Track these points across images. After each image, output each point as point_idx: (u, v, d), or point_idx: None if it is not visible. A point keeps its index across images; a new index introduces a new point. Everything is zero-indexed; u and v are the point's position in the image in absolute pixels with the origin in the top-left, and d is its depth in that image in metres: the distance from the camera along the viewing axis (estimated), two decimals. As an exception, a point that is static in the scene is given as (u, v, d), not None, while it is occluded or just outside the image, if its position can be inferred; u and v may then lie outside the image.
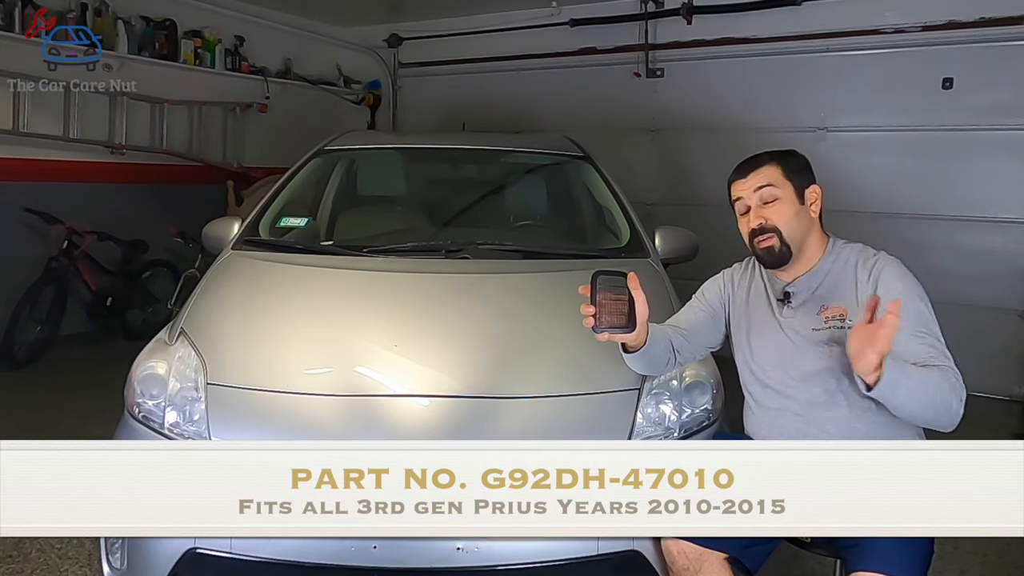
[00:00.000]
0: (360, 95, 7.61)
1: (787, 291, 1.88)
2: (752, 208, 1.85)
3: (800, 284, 1.87)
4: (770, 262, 1.86)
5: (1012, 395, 4.90)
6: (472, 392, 1.97)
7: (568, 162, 3.53)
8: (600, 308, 1.70)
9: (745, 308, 1.98)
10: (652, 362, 1.93)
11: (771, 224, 1.82)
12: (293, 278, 2.52)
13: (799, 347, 1.84)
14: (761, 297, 1.95)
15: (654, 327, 1.89)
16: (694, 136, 6.02)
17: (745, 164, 1.90)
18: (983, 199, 4.95)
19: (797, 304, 1.86)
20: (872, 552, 1.62)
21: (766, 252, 1.84)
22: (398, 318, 2.25)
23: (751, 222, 1.85)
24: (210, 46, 6.28)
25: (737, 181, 1.89)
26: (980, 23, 4.84)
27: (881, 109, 5.23)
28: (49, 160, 5.32)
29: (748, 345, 1.95)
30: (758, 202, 1.84)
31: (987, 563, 2.86)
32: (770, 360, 1.89)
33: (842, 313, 1.79)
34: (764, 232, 1.83)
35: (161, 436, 1.98)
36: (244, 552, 1.79)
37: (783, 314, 1.88)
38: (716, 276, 2.10)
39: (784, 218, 1.82)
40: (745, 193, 1.87)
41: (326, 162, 3.53)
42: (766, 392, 1.90)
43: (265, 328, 2.24)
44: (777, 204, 1.83)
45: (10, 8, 4.97)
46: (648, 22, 6.00)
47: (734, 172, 1.92)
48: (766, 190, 1.84)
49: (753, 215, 1.85)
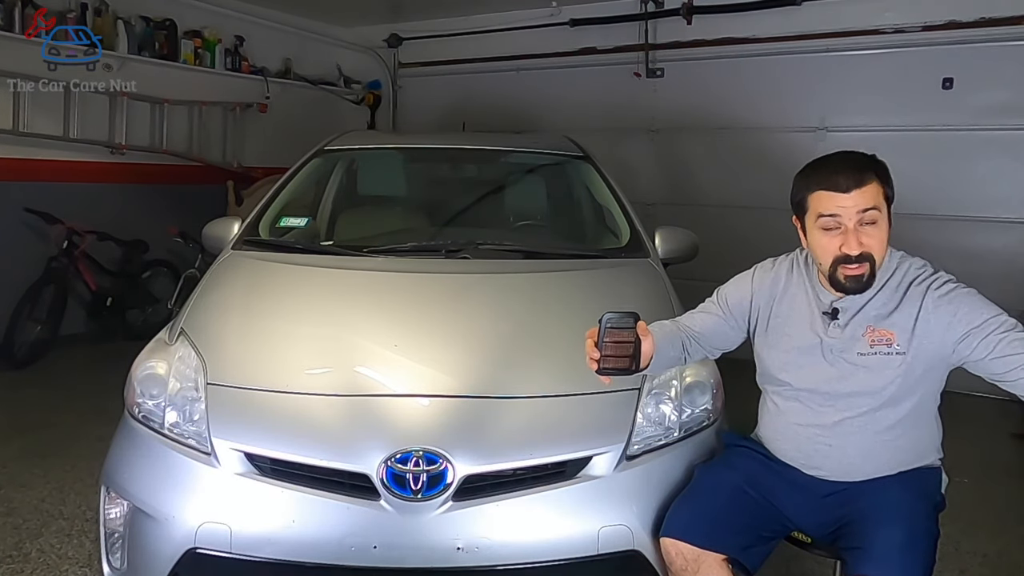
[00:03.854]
0: (360, 95, 7.61)
1: (836, 307, 1.74)
2: (851, 231, 1.64)
3: (850, 300, 1.73)
4: (853, 290, 1.69)
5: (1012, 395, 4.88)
6: (472, 392, 1.97)
7: (568, 162, 3.53)
8: (605, 351, 1.65)
9: (779, 318, 1.85)
10: (659, 368, 1.90)
11: (869, 253, 1.64)
12: (293, 278, 2.52)
13: (839, 371, 1.75)
14: (803, 309, 1.81)
15: (664, 334, 1.83)
16: (694, 136, 6.02)
17: (845, 175, 1.64)
18: (983, 199, 4.95)
19: (844, 322, 1.74)
20: (874, 555, 1.60)
21: (853, 281, 1.66)
22: (398, 318, 2.25)
23: (849, 248, 1.64)
24: (210, 46, 6.29)
25: (835, 193, 1.64)
26: (980, 23, 4.84)
27: (881, 109, 5.23)
28: (49, 160, 5.33)
29: (780, 361, 1.84)
30: (858, 224, 1.63)
31: (987, 563, 2.85)
32: (805, 378, 1.80)
33: (890, 337, 1.70)
34: (861, 260, 1.64)
35: (161, 436, 1.97)
36: (244, 552, 1.79)
37: (829, 333, 1.75)
38: (742, 277, 1.95)
39: (882, 245, 1.66)
40: (845, 212, 1.63)
41: (326, 162, 3.53)
42: (792, 405, 1.84)
43: (265, 328, 2.24)
44: (877, 229, 1.65)
45: (10, 8, 4.97)
46: (648, 22, 6.00)
47: (825, 181, 1.66)
48: (871, 213, 1.63)
49: (852, 240, 1.63)
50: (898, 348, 1.70)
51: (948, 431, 1.93)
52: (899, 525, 1.64)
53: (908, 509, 1.68)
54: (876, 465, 1.78)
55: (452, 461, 1.79)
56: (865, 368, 1.73)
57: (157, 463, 1.94)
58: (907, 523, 1.64)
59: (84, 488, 3.19)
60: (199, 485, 1.87)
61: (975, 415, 4.62)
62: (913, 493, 1.73)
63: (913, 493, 1.73)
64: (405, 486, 1.78)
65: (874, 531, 1.65)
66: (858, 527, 1.69)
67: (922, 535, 1.65)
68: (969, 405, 4.81)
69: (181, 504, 1.85)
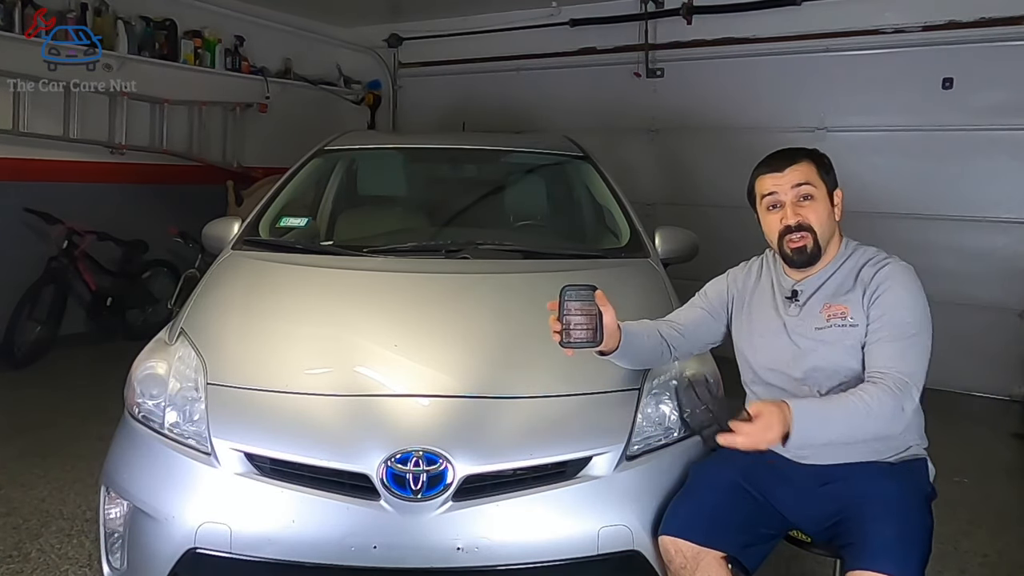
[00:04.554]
0: (360, 95, 7.61)
1: (795, 289, 1.88)
2: (788, 205, 1.82)
3: (808, 283, 1.87)
4: (799, 261, 1.85)
5: (1012, 395, 4.90)
6: (472, 392, 1.97)
7: (568, 162, 3.53)
8: (567, 323, 1.72)
9: (749, 308, 1.98)
10: (636, 360, 1.95)
11: (807, 223, 1.81)
12: (293, 278, 2.52)
13: (801, 348, 1.84)
14: (767, 297, 1.95)
15: (635, 325, 1.92)
16: (694, 136, 6.02)
17: (779, 158, 1.86)
18: (983, 199, 4.95)
19: (803, 301, 1.86)
20: (869, 551, 1.62)
21: (797, 251, 1.82)
22: (398, 318, 2.25)
23: (787, 219, 1.82)
24: (210, 46, 6.29)
25: (770, 175, 1.85)
26: (980, 23, 4.84)
27: (881, 109, 5.23)
28: (49, 160, 5.33)
29: (751, 345, 1.95)
30: (795, 199, 1.82)
31: (987, 563, 2.85)
32: (772, 360, 1.89)
33: (844, 311, 1.80)
34: (800, 230, 1.81)
35: (161, 436, 1.97)
36: (244, 552, 1.79)
37: (789, 312, 1.88)
38: (720, 275, 2.10)
39: (820, 218, 1.81)
40: (780, 188, 1.83)
41: (326, 162, 3.53)
42: (768, 390, 1.91)
43: (265, 328, 2.24)
44: (813, 203, 1.81)
45: (10, 8, 4.97)
46: (648, 22, 6.00)
47: (765, 166, 1.88)
48: (804, 188, 1.81)
49: (790, 212, 1.82)
50: (852, 321, 1.79)
51: (948, 431, 1.93)
52: (891, 520, 1.66)
53: (899, 503, 1.70)
54: (855, 446, 1.79)
55: (452, 461, 1.79)
56: (823, 343, 1.81)
57: (157, 463, 1.94)
58: (899, 517, 1.67)
59: (84, 488, 3.19)
60: (199, 485, 1.87)
61: (975, 415, 4.63)
62: (903, 486, 1.75)
63: (903, 486, 1.75)
64: (405, 486, 1.78)
65: (867, 527, 1.67)
66: (852, 524, 1.71)
67: (915, 528, 1.67)
68: (969, 405, 4.83)
69: (181, 504, 1.85)
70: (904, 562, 1.60)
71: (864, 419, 1.64)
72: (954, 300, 4.98)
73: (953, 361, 5.00)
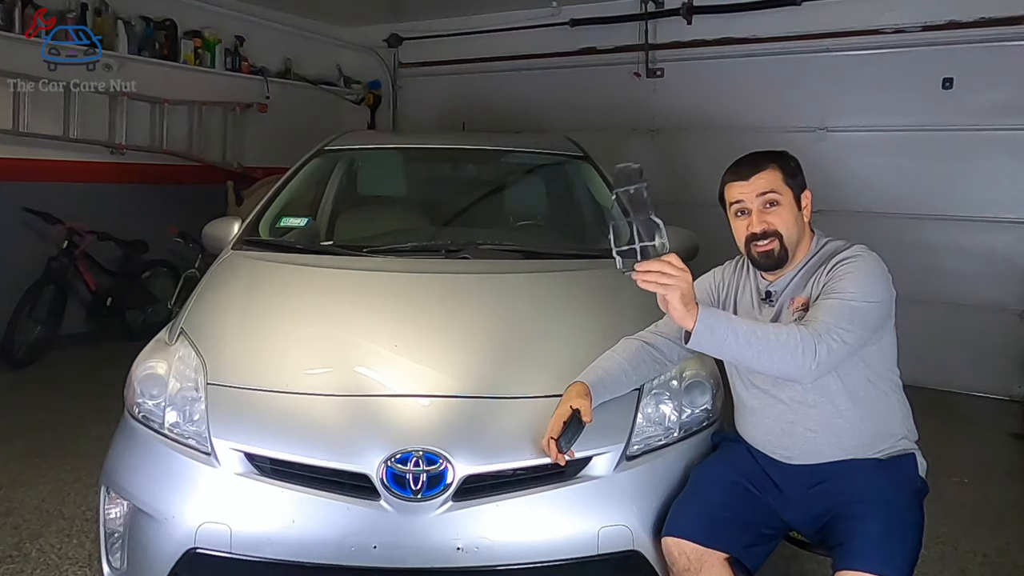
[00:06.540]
0: (360, 95, 7.61)
1: (768, 291, 1.91)
2: (754, 212, 1.84)
3: (780, 283, 1.89)
4: (766, 265, 1.87)
5: (1012, 395, 4.90)
6: (472, 392, 1.97)
7: (568, 162, 3.54)
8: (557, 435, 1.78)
9: (734, 309, 1.98)
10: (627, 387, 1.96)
11: (773, 229, 1.82)
12: (293, 278, 2.52)
13: None
14: (747, 298, 1.97)
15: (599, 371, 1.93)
16: (694, 136, 6.02)
17: (744, 166, 1.87)
18: (983, 199, 4.95)
19: (776, 301, 1.88)
20: (856, 549, 1.62)
21: (764, 256, 1.85)
22: (398, 318, 2.25)
23: (753, 227, 1.84)
24: (210, 46, 6.29)
25: (736, 183, 1.87)
26: (980, 23, 4.84)
27: (881, 109, 5.23)
28: (49, 160, 5.33)
29: None
30: (760, 207, 1.83)
31: (987, 563, 2.85)
32: None
33: (805, 302, 1.81)
34: (766, 237, 1.83)
35: (161, 436, 1.97)
36: (244, 552, 1.79)
37: (763, 313, 1.90)
38: (706, 275, 2.09)
39: (786, 223, 1.83)
40: (746, 196, 1.85)
41: (326, 162, 3.53)
42: (751, 392, 1.93)
43: (265, 328, 2.24)
44: (779, 209, 1.83)
45: (10, 8, 4.97)
46: (648, 22, 6.01)
47: (731, 174, 1.89)
48: (769, 195, 1.83)
49: (756, 220, 1.83)
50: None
51: (948, 431, 1.93)
52: (877, 518, 1.67)
53: (886, 500, 1.70)
54: (841, 442, 1.80)
55: (452, 461, 1.79)
56: None
57: (157, 463, 1.94)
58: (885, 514, 1.67)
59: (84, 488, 3.19)
60: (199, 485, 1.87)
61: (975, 415, 4.62)
62: (891, 483, 1.76)
63: (891, 483, 1.76)
64: (405, 486, 1.78)
65: (854, 526, 1.68)
66: (841, 523, 1.71)
67: (901, 525, 1.67)
68: (969, 405, 4.83)
69: (181, 504, 1.85)
70: (892, 559, 1.60)
71: (768, 344, 1.63)
72: (954, 300, 4.99)
73: (953, 361, 5.02)
